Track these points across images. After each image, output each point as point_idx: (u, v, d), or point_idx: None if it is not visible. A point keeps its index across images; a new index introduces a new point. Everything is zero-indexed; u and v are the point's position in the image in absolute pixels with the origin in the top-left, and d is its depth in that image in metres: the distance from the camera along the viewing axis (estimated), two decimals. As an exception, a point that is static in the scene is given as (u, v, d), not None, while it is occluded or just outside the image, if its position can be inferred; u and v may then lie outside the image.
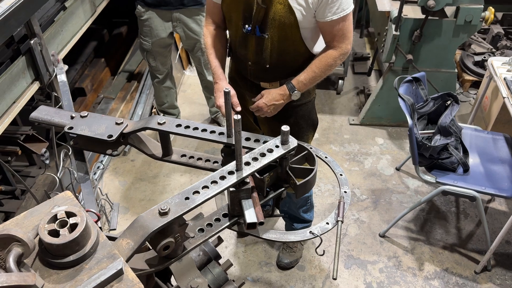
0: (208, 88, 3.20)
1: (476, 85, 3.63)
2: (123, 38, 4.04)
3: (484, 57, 3.59)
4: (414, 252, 2.51)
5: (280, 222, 2.63)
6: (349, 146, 3.22)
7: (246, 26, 1.67)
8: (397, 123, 3.31)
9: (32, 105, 2.71)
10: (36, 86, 2.01)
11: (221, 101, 1.74)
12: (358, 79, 3.85)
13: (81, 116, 1.56)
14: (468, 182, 2.24)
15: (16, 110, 1.94)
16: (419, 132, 2.28)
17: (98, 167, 2.96)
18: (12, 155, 2.56)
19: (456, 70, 3.05)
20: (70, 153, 2.13)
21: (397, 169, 3.02)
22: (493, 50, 3.75)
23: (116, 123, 1.51)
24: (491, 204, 2.78)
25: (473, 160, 2.37)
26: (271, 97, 1.75)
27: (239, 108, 1.72)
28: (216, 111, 3.34)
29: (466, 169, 2.29)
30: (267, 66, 1.75)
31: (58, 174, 2.02)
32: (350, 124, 3.39)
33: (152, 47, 2.84)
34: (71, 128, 1.52)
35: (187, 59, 4.08)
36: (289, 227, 2.43)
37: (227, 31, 1.87)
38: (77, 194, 2.46)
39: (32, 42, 1.90)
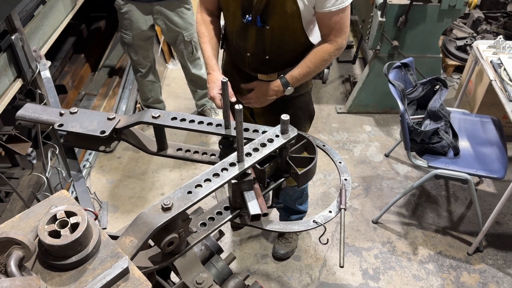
0: (193, 82, 3.14)
1: (459, 69, 3.68)
2: (102, 33, 3.94)
3: (466, 41, 3.63)
4: (408, 237, 2.53)
5: (274, 213, 2.62)
6: (337, 134, 3.22)
7: (247, 16, 1.62)
8: (384, 110, 3.33)
9: (13, 104, 2.62)
10: (19, 83, 1.93)
11: (214, 92, 1.69)
12: (343, 68, 3.85)
13: (71, 113, 1.50)
14: (459, 165, 2.26)
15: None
16: (410, 117, 2.29)
17: (85, 166, 2.89)
18: (-6, 157, 2.47)
19: (440, 55, 3.07)
20: (57, 152, 2.07)
21: (386, 155, 3.04)
22: (474, 34, 3.80)
23: (108, 119, 1.46)
24: (480, 186, 2.82)
25: (463, 143, 2.39)
26: (263, 91, 1.71)
27: (234, 99, 1.67)
28: (202, 104, 3.29)
29: (456, 152, 2.31)
30: (267, 57, 1.71)
31: (47, 174, 1.96)
32: (338, 113, 3.39)
33: (133, 40, 2.79)
34: (61, 125, 1.46)
35: (169, 52, 4.01)
36: (283, 219, 2.42)
37: (222, 21, 1.82)
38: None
39: (13, 37, 1.82)
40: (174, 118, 1.44)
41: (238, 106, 1.13)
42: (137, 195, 2.78)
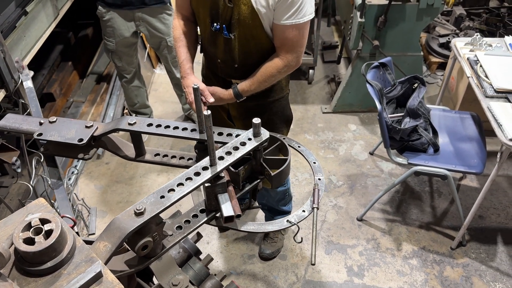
0: (179, 86, 3.17)
1: (442, 66, 3.72)
2: (89, 40, 3.97)
3: (449, 38, 3.68)
4: (392, 233, 2.58)
5: (261, 214, 2.66)
6: (323, 134, 3.26)
7: (214, 24, 1.65)
8: (368, 109, 3.37)
9: (-1, 113, 2.64)
10: (1, 94, 1.97)
11: (191, 97, 1.73)
12: (328, 68, 3.89)
13: (50, 122, 1.54)
14: (439, 161, 2.31)
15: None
16: (389, 116, 2.33)
17: (73, 172, 2.91)
18: (-19, 166, 2.50)
19: (421, 53, 3.12)
20: (42, 160, 2.10)
21: (371, 153, 3.09)
22: (457, 31, 3.84)
23: (86, 127, 1.49)
24: (463, 182, 2.87)
25: (442, 140, 2.44)
26: (219, 98, 1.75)
27: (211, 99, 1.70)
28: (189, 108, 3.33)
29: (436, 149, 2.36)
30: (236, 65, 1.74)
31: (31, 182, 1.99)
32: (323, 113, 3.43)
33: (116, 47, 2.82)
34: (40, 134, 1.49)
35: (156, 57, 4.04)
36: (269, 219, 2.46)
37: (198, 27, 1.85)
38: (52, 201, 2.42)
39: (-7, 48, 1.85)
40: (150, 124, 1.48)
41: (207, 112, 1.17)
42: (125, 200, 2.81)
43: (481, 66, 2.36)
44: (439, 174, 2.26)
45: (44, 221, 1.04)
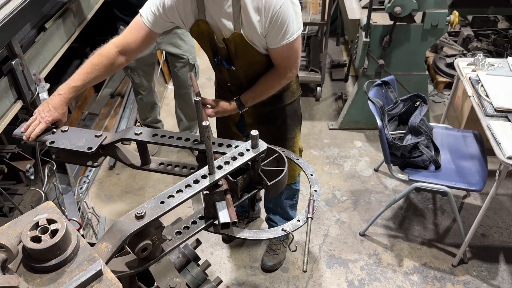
0: (184, 110, 3.16)
1: (449, 86, 3.76)
2: (106, 55, 4.11)
3: (455, 59, 3.72)
4: (394, 249, 2.60)
5: (265, 226, 2.71)
6: (329, 150, 3.32)
7: (215, 58, 1.77)
8: (374, 126, 3.42)
9: (16, 123, 2.77)
10: (19, 105, 2.08)
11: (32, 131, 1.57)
12: (336, 86, 3.96)
13: (62, 131, 1.64)
14: (440, 178, 2.34)
15: (0, 129, 2.01)
16: (391, 132, 2.38)
17: (84, 182, 3.02)
18: (-2, 173, 2.61)
19: (427, 73, 3.17)
20: (54, 168, 2.20)
21: (375, 170, 3.13)
22: (464, 51, 3.89)
23: (96, 136, 1.59)
24: (466, 200, 2.89)
25: (444, 157, 2.47)
26: (222, 109, 1.82)
27: (210, 111, 1.79)
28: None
29: (437, 166, 2.40)
30: (244, 86, 1.84)
31: (43, 189, 2.08)
32: (329, 129, 3.49)
33: (136, 65, 2.81)
34: (52, 142, 1.59)
35: (169, 73, 4.16)
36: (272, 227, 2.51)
37: None
38: (63, 208, 2.51)
39: (13, 62, 1.97)
40: (155, 135, 1.57)
41: (205, 123, 1.25)
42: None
43: (482, 85, 2.41)
44: (439, 190, 2.30)
45: (50, 221, 1.12)
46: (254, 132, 1.39)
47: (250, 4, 1.57)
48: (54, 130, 1.65)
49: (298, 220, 1.49)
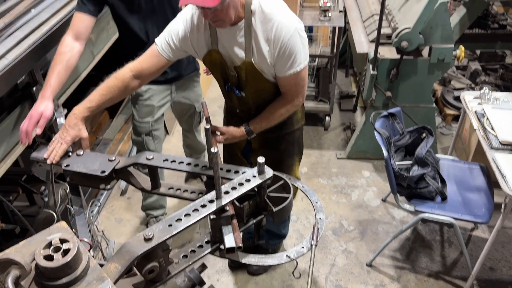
0: (191, 147, 3.11)
1: (457, 118, 3.79)
2: (121, 83, 4.24)
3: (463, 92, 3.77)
4: (400, 280, 2.59)
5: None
6: (336, 179, 3.35)
7: (226, 86, 1.86)
8: (382, 156, 3.37)
9: (33, 147, 2.86)
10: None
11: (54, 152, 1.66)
12: (344, 116, 4.02)
13: (77, 155, 1.71)
14: (446, 209, 2.36)
15: (18, 152, 2.09)
16: (397, 163, 2.42)
17: (96, 205, 3.08)
18: (13, 195, 2.69)
19: (434, 105, 3.22)
20: (68, 191, 2.26)
21: (383, 200, 3.14)
22: (472, 85, 3.94)
23: (109, 160, 1.65)
24: (475, 232, 2.87)
25: (450, 189, 2.48)
26: (231, 136, 1.89)
27: (220, 137, 1.86)
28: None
29: (444, 197, 2.41)
30: (253, 112, 1.93)
31: (57, 210, 2.14)
32: (338, 158, 3.53)
33: (151, 127, 2.58)
34: (67, 165, 1.67)
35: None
36: (266, 243, 2.58)
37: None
38: (74, 230, 2.56)
39: (34, 89, 2.07)
40: (165, 160, 1.63)
41: (214, 149, 1.31)
42: (142, 234, 2.92)
43: (487, 119, 2.45)
44: (445, 222, 2.30)
45: (63, 240, 1.17)
46: (261, 159, 1.44)
47: (261, 35, 1.67)
48: (70, 153, 1.72)
49: (303, 247, 1.52)
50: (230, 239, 1.37)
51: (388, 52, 3.01)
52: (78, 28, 2.00)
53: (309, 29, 4.14)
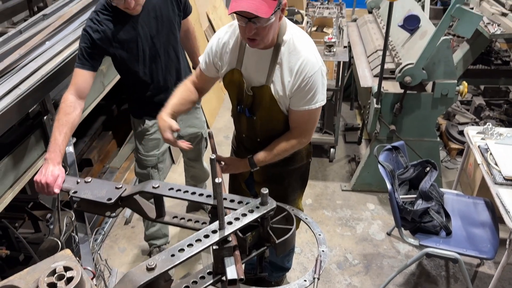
0: (196, 177, 3.10)
1: (462, 153, 3.79)
2: (130, 113, 4.32)
3: (467, 126, 3.80)
4: (405, 317, 2.54)
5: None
6: (341, 211, 3.34)
7: (238, 106, 1.91)
8: (386, 189, 3.40)
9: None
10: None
11: (168, 135, 1.84)
12: (349, 148, 4.05)
13: (85, 182, 1.75)
14: (451, 244, 2.34)
15: (26, 179, 2.13)
16: (402, 196, 2.42)
17: (100, 233, 3.08)
18: (19, 222, 2.71)
19: (438, 139, 3.24)
20: (73, 219, 2.28)
21: (388, 234, 3.12)
22: (477, 120, 3.97)
23: (116, 188, 1.69)
24: (481, 268, 2.83)
25: (455, 224, 2.47)
26: (234, 167, 1.95)
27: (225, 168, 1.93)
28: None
29: (448, 232, 2.40)
30: (258, 140, 1.96)
31: (61, 238, 2.16)
32: (342, 190, 3.54)
33: (157, 160, 2.59)
34: (75, 192, 1.70)
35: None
36: (269, 272, 2.56)
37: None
38: (78, 258, 2.56)
39: (45, 118, 2.13)
40: (171, 189, 1.65)
41: (218, 180, 1.33)
42: (145, 264, 2.91)
43: (491, 154, 2.46)
44: (450, 257, 2.28)
45: (67, 268, 1.19)
46: (264, 190, 1.46)
47: (286, 65, 1.72)
48: (78, 180, 1.76)
49: (305, 280, 1.52)
50: (232, 271, 1.37)
51: (391, 87, 3.06)
52: (80, 86, 2.05)
53: (315, 63, 4.22)
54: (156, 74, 2.31)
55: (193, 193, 1.63)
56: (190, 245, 1.37)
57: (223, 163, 1.94)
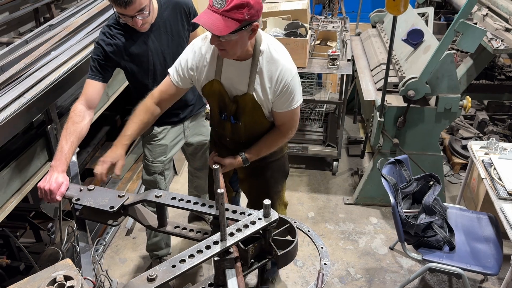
0: (200, 188, 3.08)
1: (466, 167, 3.77)
2: (133, 123, 4.33)
3: (470, 141, 3.79)
4: (408, 333, 2.51)
5: None
6: (344, 225, 3.32)
7: (222, 115, 2.00)
8: (389, 203, 3.40)
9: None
10: (48, 166, 2.22)
11: (99, 168, 1.88)
12: (352, 161, 4.04)
13: (88, 189, 1.75)
14: (454, 259, 2.32)
15: (28, 188, 2.13)
16: (404, 210, 2.40)
17: (101, 244, 3.07)
18: (20, 231, 2.70)
19: (441, 153, 3.22)
20: (74, 229, 2.28)
21: (391, 248, 3.09)
22: (480, 134, 3.96)
23: (119, 196, 1.69)
24: (485, 284, 2.80)
25: (459, 239, 2.45)
26: (229, 165, 2.04)
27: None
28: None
29: (451, 247, 2.37)
30: (242, 141, 2.06)
31: (62, 248, 2.15)
32: (345, 204, 3.52)
33: (164, 167, 2.59)
34: (78, 199, 1.70)
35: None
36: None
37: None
38: (78, 268, 2.55)
39: (48, 127, 2.14)
40: (173, 198, 1.65)
41: (220, 190, 1.33)
42: (146, 275, 2.89)
43: (495, 168, 2.45)
44: (454, 272, 2.26)
45: (67, 277, 1.18)
46: (267, 202, 1.46)
47: (266, 73, 1.83)
48: (81, 188, 1.76)
49: (306, 293, 1.50)
50: (233, 283, 1.37)
51: (395, 100, 3.06)
52: (90, 96, 2.09)
53: (318, 76, 4.23)
54: None
55: (196, 203, 1.63)
56: (191, 256, 1.37)
57: (223, 164, 2.02)
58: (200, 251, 1.38)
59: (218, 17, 1.59)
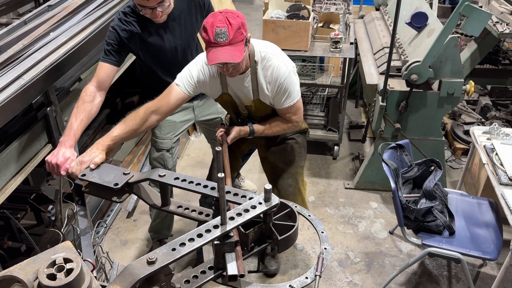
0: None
1: (467, 153, 3.76)
2: (134, 106, 4.29)
3: (472, 126, 3.76)
4: (406, 316, 2.53)
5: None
6: (344, 209, 3.32)
7: (238, 119, 2.23)
8: (390, 188, 3.37)
9: (44, 166, 2.90)
10: (48, 148, 2.21)
11: (75, 167, 1.79)
12: (353, 146, 4.03)
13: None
14: (454, 244, 2.32)
15: (28, 170, 2.13)
16: (405, 195, 2.40)
17: (102, 226, 3.08)
18: (21, 213, 2.71)
19: (443, 138, 3.21)
20: (75, 211, 2.28)
21: (391, 232, 3.10)
22: (482, 120, 3.94)
23: (124, 173, 1.70)
24: (483, 269, 2.81)
25: (458, 224, 2.45)
26: (237, 134, 2.14)
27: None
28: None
29: (451, 232, 2.38)
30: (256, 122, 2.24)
31: (62, 230, 2.15)
32: (345, 188, 3.52)
33: (172, 144, 2.60)
34: (83, 175, 1.72)
35: (192, 125, 4.28)
36: None
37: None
38: (78, 251, 2.56)
39: (48, 109, 2.12)
40: (176, 178, 1.65)
41: (221, 175, 1.32)
42: (146, 258, 2.91)
43: (496, 154, 2.44)
44: (453, 257, 2.27)
45: (67, 260, 1.18)
46: (268, 186, 1.45)
47: (263, 78, 2.02)
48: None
49: (306, 277, 1.51)
50: (233, 267, 1.37)
51: (397, 85, 3.03)
52: (102, 78, 2.15)
53: (321, 60, 4.19)
54: (174, 74, 2.32)
55: (198, 184, 1.63)
56: (191, 239, 1.37)
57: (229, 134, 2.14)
58: (200, 235, 1.38)
59: (228, 48, 1.74)
